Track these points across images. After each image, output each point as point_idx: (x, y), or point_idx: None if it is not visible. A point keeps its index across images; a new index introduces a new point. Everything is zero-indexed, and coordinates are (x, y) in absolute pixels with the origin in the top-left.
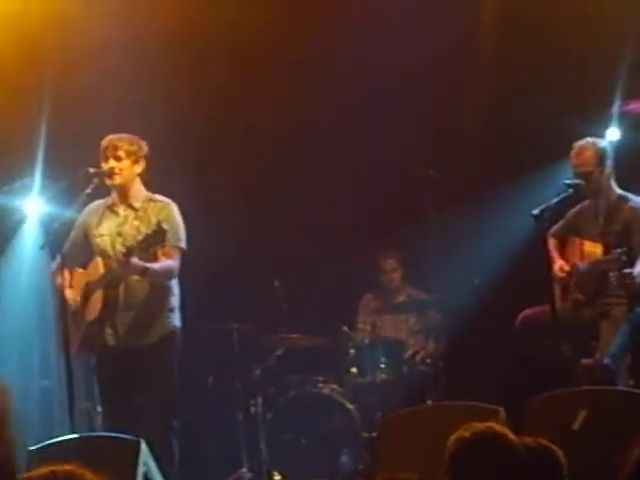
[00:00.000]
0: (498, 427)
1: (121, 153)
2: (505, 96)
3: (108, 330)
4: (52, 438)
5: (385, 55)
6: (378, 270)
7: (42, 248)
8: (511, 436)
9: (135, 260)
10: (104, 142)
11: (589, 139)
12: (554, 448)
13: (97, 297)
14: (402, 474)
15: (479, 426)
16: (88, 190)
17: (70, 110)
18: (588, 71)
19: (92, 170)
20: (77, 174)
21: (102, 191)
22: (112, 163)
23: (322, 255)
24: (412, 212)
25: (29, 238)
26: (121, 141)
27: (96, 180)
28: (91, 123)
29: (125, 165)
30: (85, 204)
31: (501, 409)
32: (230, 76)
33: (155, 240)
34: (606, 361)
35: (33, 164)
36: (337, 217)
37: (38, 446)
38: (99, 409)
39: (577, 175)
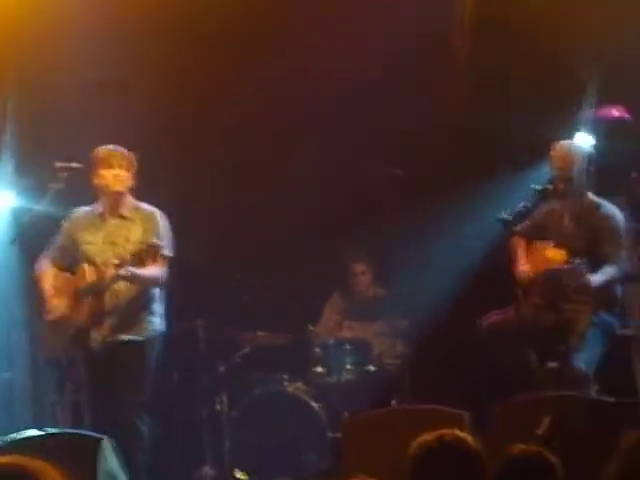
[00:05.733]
0: (460, 433)
1: (125, 163)
2: (474, 96)
3: (94, 333)
4: (15, 431)
5: (356, 53)
6: (347, 272)
7: (12, 243)
8: (472, 442)
9: (126, 270)
10: (109, 149)
11: (574, 142)
12: (546, 453)
13: (85, 303)
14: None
15: (441, 432)
16: (58, 185)
17: (40, 102)
18: (560, 76)
19: (60, 165)
20: (46, 168)
21: (73, 186)
22: (117, 171)
23: (289, 254)
24: (379, 211)
25: None
26: (126, 153)
27: (65, 175)
28: (62, 116)
29: (128, 175)
30: (55, 199)
31: (465, 413)
32: (199, 65)
33: (147, 255)
34: (581, 366)
35: (1, 157)
36: (305, 216)
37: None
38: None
39: (558, 177)
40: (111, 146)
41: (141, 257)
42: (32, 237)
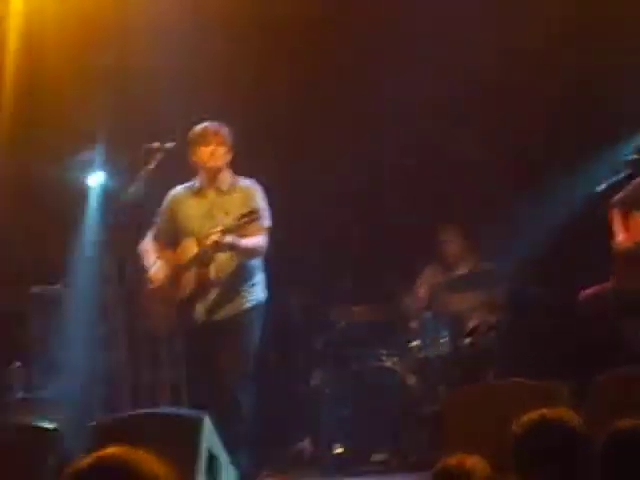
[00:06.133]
0: (564, 412)
1: (221, 139)
2: (582, 76)
3: (199, 306)
4: (116, 410)
5: (459, 36)
6: (437, 241)
7: (107, 223)
8: (575, 419)
9: (229, 238)
10: (205, 126)
11: None
12: None
13: (189, 277)
14: (468, 458)
15: (544, 411)
16: (151, 166)
17: (132, 85)
18: None
19: (155, 145)
20: (140, 149)
21: (166, 167)
22: (214, 147)
23: (386, 228)
24: (473, 185)
25: (92, 212)
26: (223, 128)
27: (159, 156)
28: (152, 98)
29: (224, 151)
30: (149, 180)
31: (564, 387)
32: (289, 55)
33: (248, 221)
34: None
35: (96, 138)
36: (398, 191)
37: (101, 422)
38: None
39: None
40: (207, 123)
41: (242, 225)
42: (125, 218)
